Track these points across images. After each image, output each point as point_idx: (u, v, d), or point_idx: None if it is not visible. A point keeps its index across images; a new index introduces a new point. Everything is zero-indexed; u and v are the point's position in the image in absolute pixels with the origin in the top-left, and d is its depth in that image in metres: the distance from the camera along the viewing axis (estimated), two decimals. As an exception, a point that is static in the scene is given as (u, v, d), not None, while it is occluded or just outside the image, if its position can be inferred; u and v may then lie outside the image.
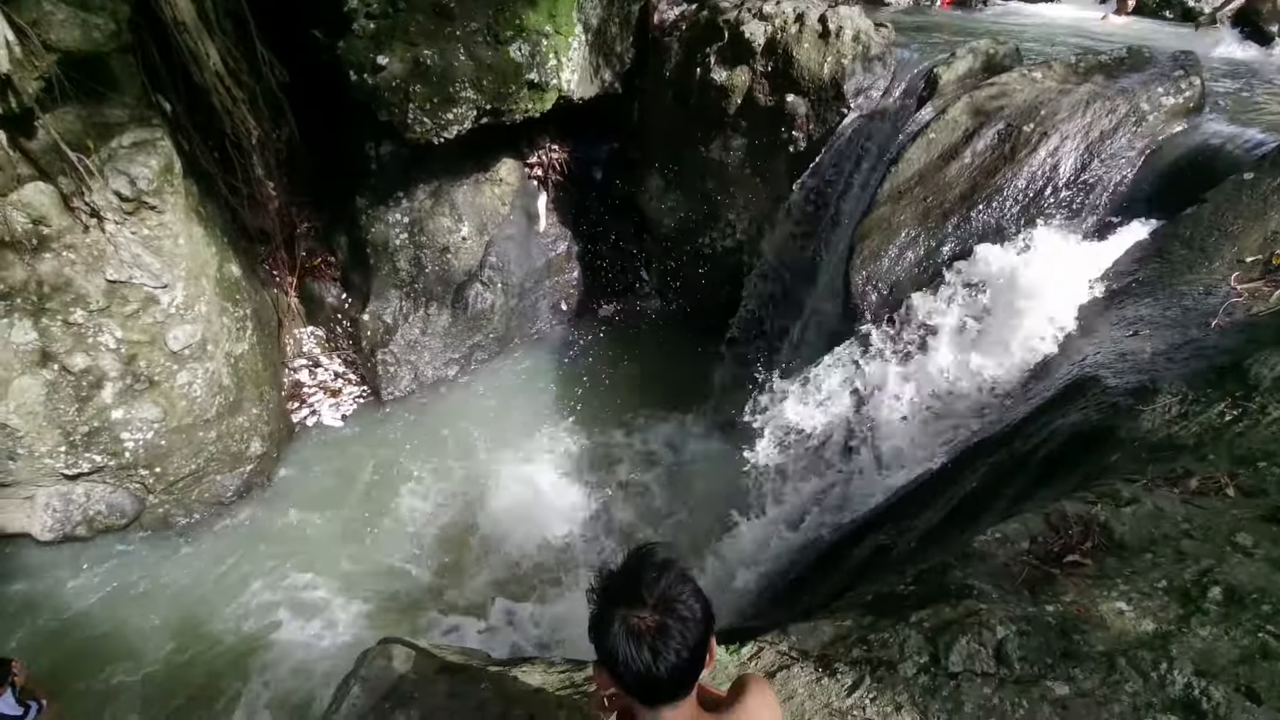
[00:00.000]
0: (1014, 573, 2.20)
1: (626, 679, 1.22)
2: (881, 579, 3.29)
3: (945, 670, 1.86)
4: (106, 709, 4.69)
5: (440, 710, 2.07)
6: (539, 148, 8.24)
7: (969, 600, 2.04)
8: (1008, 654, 1.84)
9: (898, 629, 2.05)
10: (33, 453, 5.03)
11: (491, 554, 5.84)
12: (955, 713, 1.77)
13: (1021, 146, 4.75)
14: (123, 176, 4.71)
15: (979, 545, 2.35)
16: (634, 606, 1.22)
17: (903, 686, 1.88)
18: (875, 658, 2.00)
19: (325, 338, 8.09)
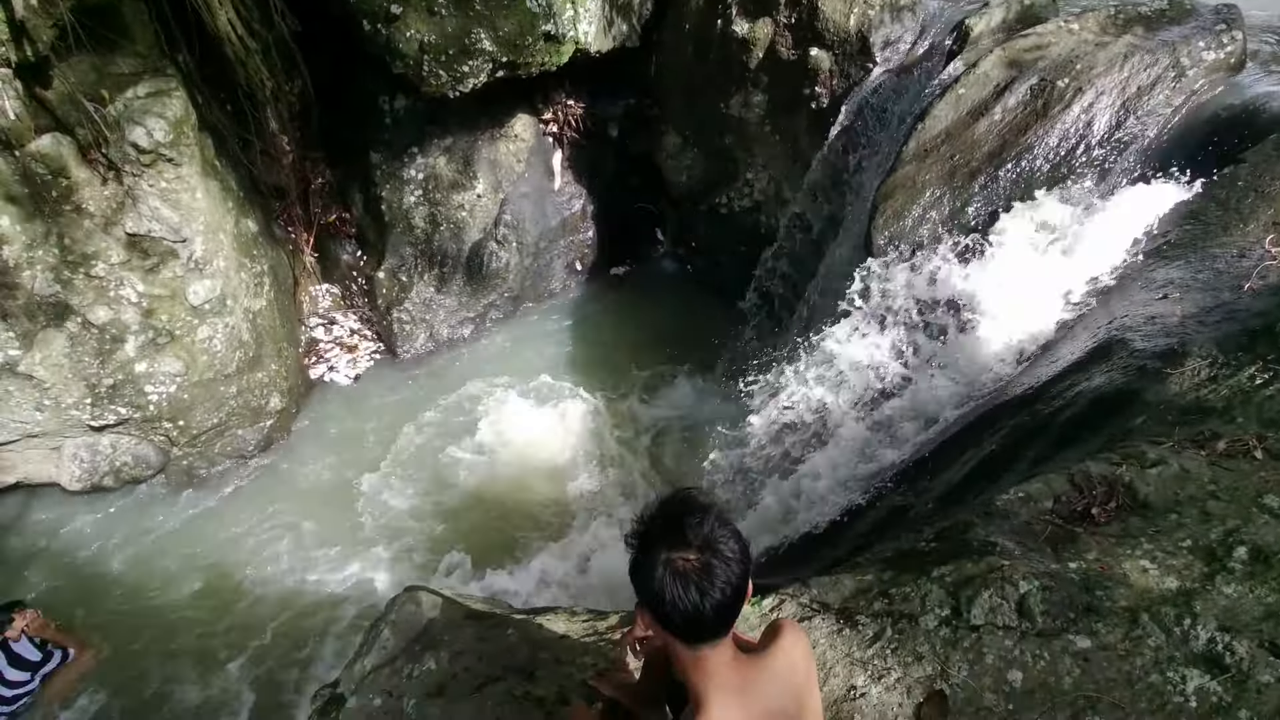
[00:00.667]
0: (1037, 531, 2.21)
1: (673, 619, 1.25)
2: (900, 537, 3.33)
3: (967, 623, 1.89)
4: (135, 653, 4.85)
5: (469, 653, 2.13)
6: (555, 103, 8.08)
7: (991, 556, 2.06)
8: (1030, 608, 1.86)
9: (919, 583, 2.08)
10: (59, 404, 5.12)
11: (507, 507, 5.93)
12: (976, 663, 1.80)
13: (1055, 102, 4.60)
14: (139, 128, 4.68)
15: (1002, 504, 2.35)
16: (678, 548, 1.24)
17: (924, 638, 1.91)
18: (896, 610, 2.03)
19: (341, 295, 8.12)
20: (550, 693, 1.97)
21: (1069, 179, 4.48)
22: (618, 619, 2.50)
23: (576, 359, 7.75)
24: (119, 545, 5.55)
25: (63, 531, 5.61)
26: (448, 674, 2.06)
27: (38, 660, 4.47)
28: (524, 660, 2.09)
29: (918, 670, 1.84)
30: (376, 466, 6.33)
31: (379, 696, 2.20)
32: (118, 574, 5.35)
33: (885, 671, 1.87)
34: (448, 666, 2.09)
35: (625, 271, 9.23)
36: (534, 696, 1.98)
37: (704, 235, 8.43)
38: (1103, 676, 1.70)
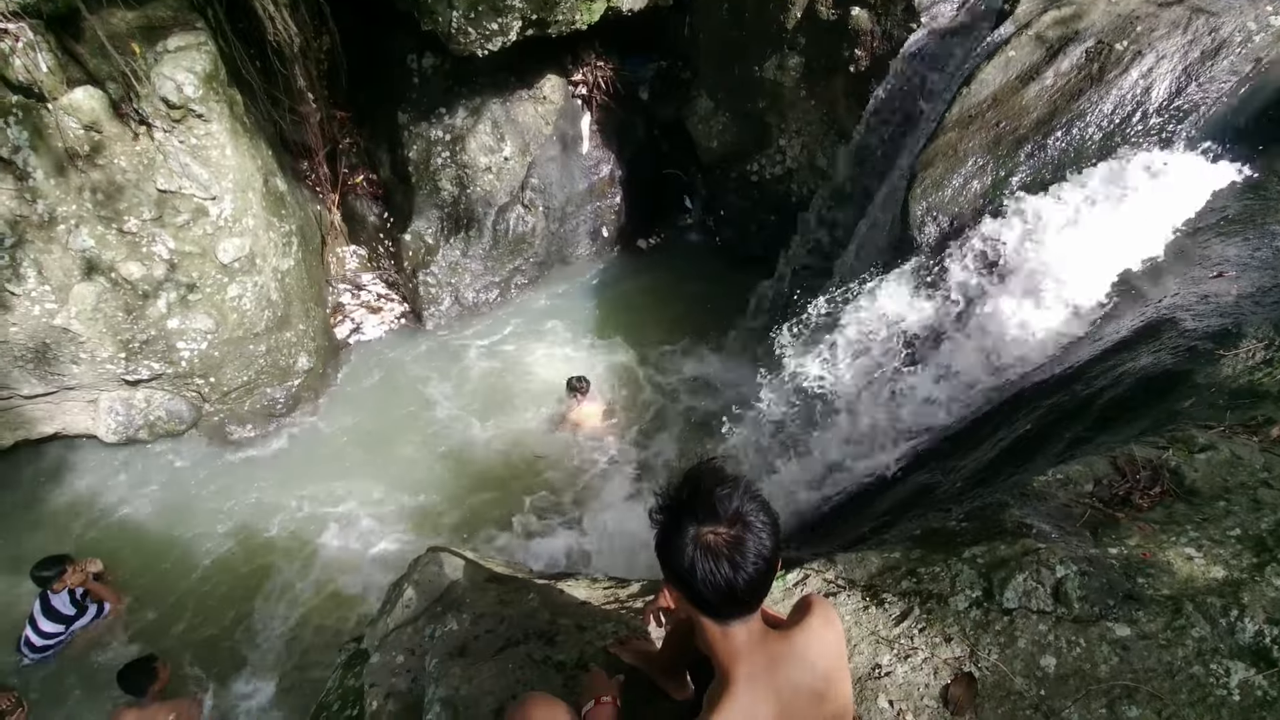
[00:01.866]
0: (1075, 514, 2.14)
1: (704, 595, 1.22)
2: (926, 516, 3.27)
3: (999, 606, 1.83)
4: (164, 604, 5.01)
5: (490, 616, 2.13)
6: (584, 64, 7.91)
7: (1026, 539, 1.99)
8: (1067, 593, 1.80)
9: (949, 563, 2.02)
10: (95, 357, 5.22)
11: (528, 473, 5.97)
12: (1008, 647, 1.75)
13: (1111, 66, 4.36)
14: (169, 82, 4.66)
15: (1039, 485, 2.27)
16: (708, 522, 1.21)
17: (953, 619, 1.86)
18: (925, 590, 1.98)
19: (367, 257, 8.14)
20: (571, 658, 1.97)
21: (1123, 148, 4.26)
22: (639, 587, 2.49)
23: (601, 327, 7.70)
24: (152, 497, 5.70)
25: (98, 482, 5.78)
26: (469, 635, 2.07)
27: (72, 615, 4.65)
28: (545, 625, 2.09)
29: (946, 651, 1.80)
30: (401, 428, 6.40)
31: (401, 654, 2.22)
32: (150, 525, 5.50)
33: (912, 651, 1.84)
34: (469, 628, 2.10)
35: (652, 239, 9.12)
36: (554, 661, 1.98)
37: (733, 203, 8.26)
38: (1142, 666, 1.64)
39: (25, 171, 4.58)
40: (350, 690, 2.41)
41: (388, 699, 2.11)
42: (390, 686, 2.15)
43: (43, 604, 4.60)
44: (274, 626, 4.88)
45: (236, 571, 5.23)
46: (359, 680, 2.42)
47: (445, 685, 1.91)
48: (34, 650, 4.61)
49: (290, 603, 5.04)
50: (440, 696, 1.89)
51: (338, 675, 2.55)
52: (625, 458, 6.17)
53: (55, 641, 4.63)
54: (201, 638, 4.83)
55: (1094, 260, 3.93)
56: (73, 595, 4.62)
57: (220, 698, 4.53)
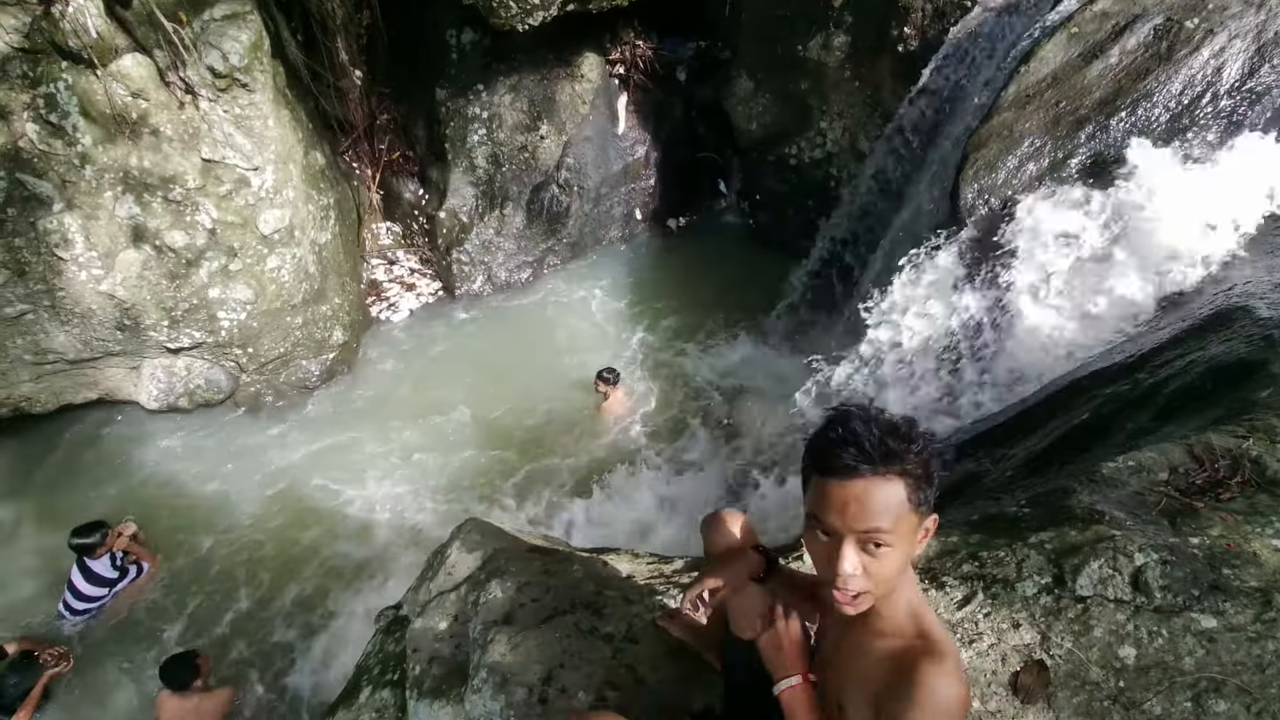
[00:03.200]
0: (1149, 502, 2.03)
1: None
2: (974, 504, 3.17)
3: (1072, 593, 1.75)
4: (200, 566, 5.09)
5: (535, 585, 2.10)
6: (623, 43, 7.80)
7: (1099, 525, 1.90)
8: (1147, 582, 1.70)
9: (1014, 548, 1.94)
10: (139, 324, 5.30)
11: (562, 451, 5.95)
12: (1083, 635, 1.66)
13: (1181, 45, 4.16)
14: (215, 51, 4.68)
15: (1108, 472, 2.17)
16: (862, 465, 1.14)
17: (1021, 605, 1.78)
18: (989, 574, 1.90)
19: (402, 234, 8.16)
20: (619, 630, 1.93)
21: (1191, 131, 4.06)
22: (682, 564, 2.44)
23: (634, 310, 7.64)
24: (190, 464, 5.79)
25: (138, 447, 5.88)
26: (514, 603, 2.04)
27: (114, 578, 4.72)
28: (591, 596, 2.05)
29: (1014, 638, 1.72)
30: (434, 404, 6.42)
31: (444, 620, 2.20)
32: (188, 491, 5.59)
33: (977, 636, 1.76)
34: (514, 595, 2.07)
35: (686, 223, 9.01)
36: (601, 632, 1.93)
37: (770, 187, 8.12)
38: (1230, 659, 1.54)
39: (74, 137, 4.64)
40: (390, 655, 2.41)
41: (431, 663, 2.09)
42: (434, 651, 2.13)
43: (82, 569, 4.66)
44: (303, 590, 4.93)
45: (271, 537, 5.29)
46: (399, 645, 2.41)
47: (492, 652, 1.88)
48: (74, 614, 4.70)
49: (324, 569, 5.08)
50: (487, 663, 1.86)
51: (377, 640, 2.55)
52: (658, 442, 6.12)
53: (97, 604, 4.72)
54: (236, 601, 4.90)
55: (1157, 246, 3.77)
56: (113, 559, 4.70)
57: (256, 664, 4.59)
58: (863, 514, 1.13)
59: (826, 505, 1.16)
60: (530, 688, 1.80)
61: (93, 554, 4.62)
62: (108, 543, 4.67)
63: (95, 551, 4.61)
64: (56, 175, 4.69)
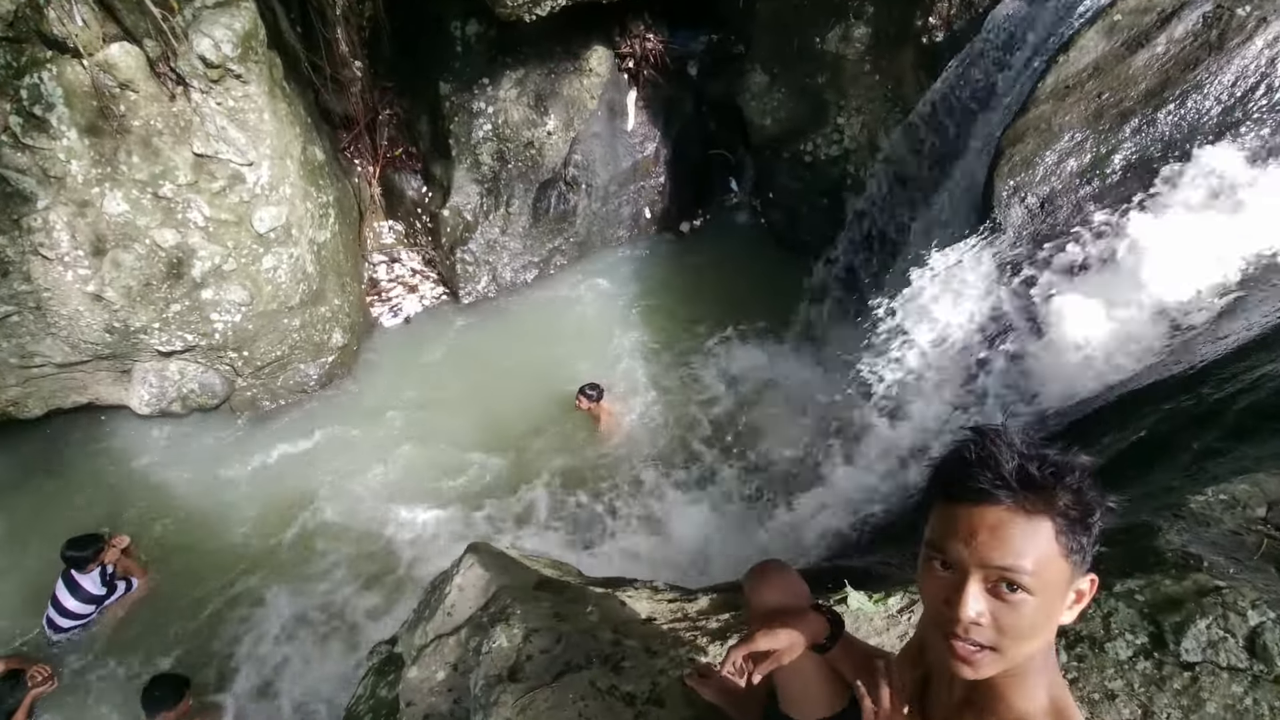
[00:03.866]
0: (1249, 544, 1.78)
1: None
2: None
3: (1176, 658, 1.49)
4: (192, 580, 4.87)
5: (545, 632, 1.85)
6: (632, 35, 7.55)
7: (1197, 573, 1.64)
8: (1265, 645, 1.45)
9: (1098, 598, 1.68)
10: (128, 326, 5.08)
11: (569, 460, 5.72)
12: (1194, 711, 1.41)
13: (1233, 34, 3.89)
14: (206, 39, 4.44)
15: (1196, 507, 1.91)
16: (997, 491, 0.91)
17: (1114, 670, 1.53)
18: (1070, 629, 1.64)
19: (404, 233, 7.93)
20: (641, 689, 1.68)
21: (1244, 125, 3.80)
22: (708, 602, 2.19)
23: (643, 312, 7.39)
24: (183, 471, 5.58)
25: (130, 454, 5.67)
26: (521, 654, 1.80)
27: (101, 595, 4.50)
28: (608, 647, 1.81)
29: (1110, 712, 1.47)
30: (435, 408, 6.19)
31: (442, 669, 1.96)
32: (181, 500, 5.38)
33: (1062, 706, 1.51)
34: (521, 645, 1.82)
35: (695, 222, 8.76)
36: (621, 692, 1.69)
37: (783, 186, 7.86)
38: (1378, 747, 1.29)
39: (59, 130, 4.42)
40: (383, 702, 2.17)
41: (427, 721, 1.86)
42: (429, 707, 1.89)
43: (68, 583, 4.44)
44: (297, 604, 4.71)
45: (266, 549, 5.08)
46: (392, 691, 2.17)
47: (496, 715, 1.64)
48: (59, 631, 4.49)
49: (314, 581, 4.86)
50: (491, 728, 1.62)
51: (369, 682, 2.31)
52: (667, 450, 5.87)
53: (83, 621, 4.50)
54: (226, 613, 4.68)
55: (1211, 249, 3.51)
56: (103, 574, 4.48)
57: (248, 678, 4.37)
58: (996, 546, 0.90)
59: (951, 532, 0.94)
60: (540, 762, 1.56)
61: (83, 567, 4.40)
62: (100, 556, 4.46)
63: (86, 565, 4.40)
64: (40, 170, 4.47)
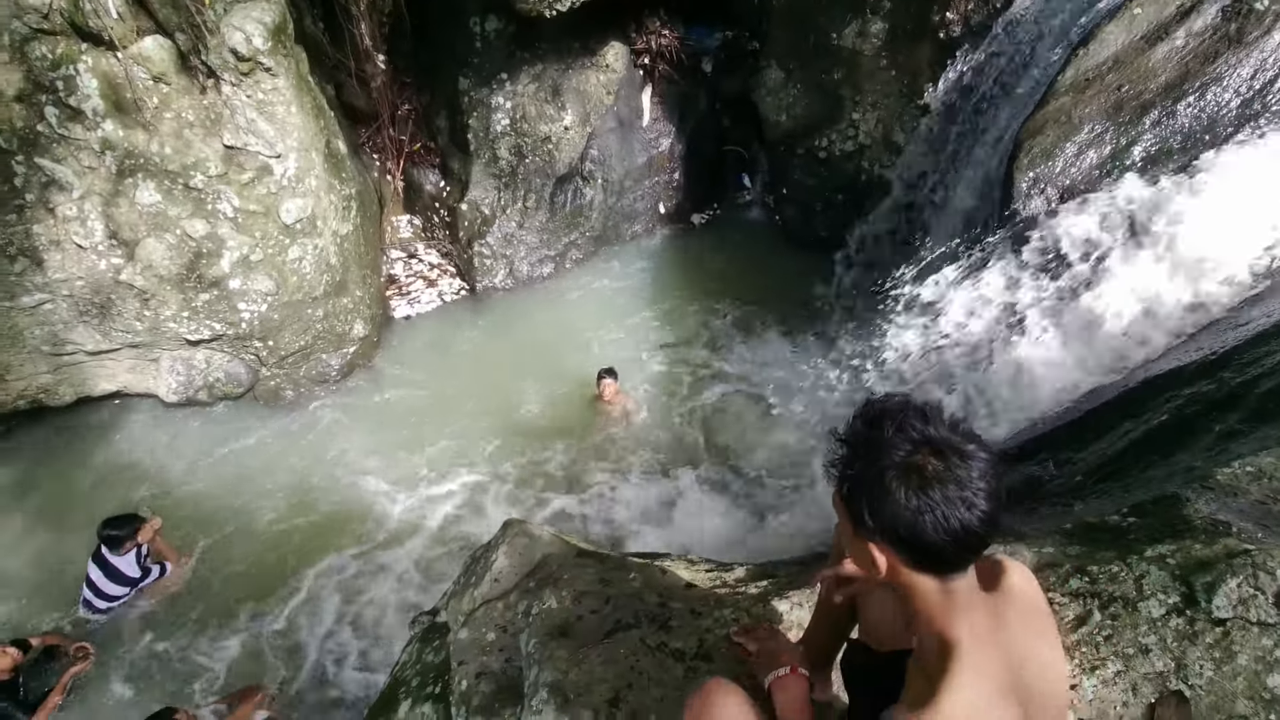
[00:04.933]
0: (1274, 512, 1.84)
1: (936, 543, 1.00)
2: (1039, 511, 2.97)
3: (1208, 615, 1.56)
4: (222, 563, 4.96)
5: (593, 595, 1.92)
6: (649, 32, 7.62)
7: (1227, 538, 1.70)
8: (1296, 603, 1.51)
9: (1129, 562, 1.74)
10: (158, 315, 5.18)
11: (583, 449, 5.78)
12: (1225, 664, 1.47)
13: (1252, 27, 3.94)
14: (238, 33, 4.53)
15: (1224, 478, 1.97)
16: (920, 456, 0.99)
17: (1147, 627, 1.59)
18: (1103, 591, 1.71)
19: (422, 227, 8.02)
20: (690, 646, 1.75)
21: (1263, 117, 3.84)
22: (744, 572, 2.26)
23: (656, 307, 7.46)
24: (209, 458, 5.67)
25: (157, 442, 5.77)
26: (572, 615, 1.87)
27: (136, 578, 4.58)
28: (655, 608, 1.88)
29: (1144, 665, 1.53)
30: (455, 399, 6.27)
31: (492, 631, 2.03)
32: (208, 486, 5.47)
33: (1099, 662, 1.57)
34: (571, 606, 1.89)
35: (710, 217, 8.83)
36: (671, 649, 1.76)
37: (797, 182, 7.91)
38: (1406, 694, 1.35)
39: (94, 122, 4.52)
40: (430, 666, 2.24)
41: (479, 679, 1.93)
42: (481, 665, 1.96)
43: (102, 566, 4.51)
44: (323, 587, 4.79)
45: (292, 534, 5.16)
46: (439, 655, 2.24)
47: (550, 669, 1.71)
48: (96, 611, 4.57)
49: (340, 564, 4.94)
50: (546, 681, 1.69)
51: (414, 649, 2.39)
52: (679, 443, 5.94)
53: (118, 602, 4.59)
54: (255, 596, 4.77)
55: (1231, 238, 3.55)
56: (139, 555, 4.56)
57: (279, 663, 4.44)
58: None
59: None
60: (596, 710, 1.62)
61: (119, 546, 4.46)
62: (138, 535, 4.53)
63: (123, 545, 4.46)
64: (75, 161, 4.57)
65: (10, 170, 4.50)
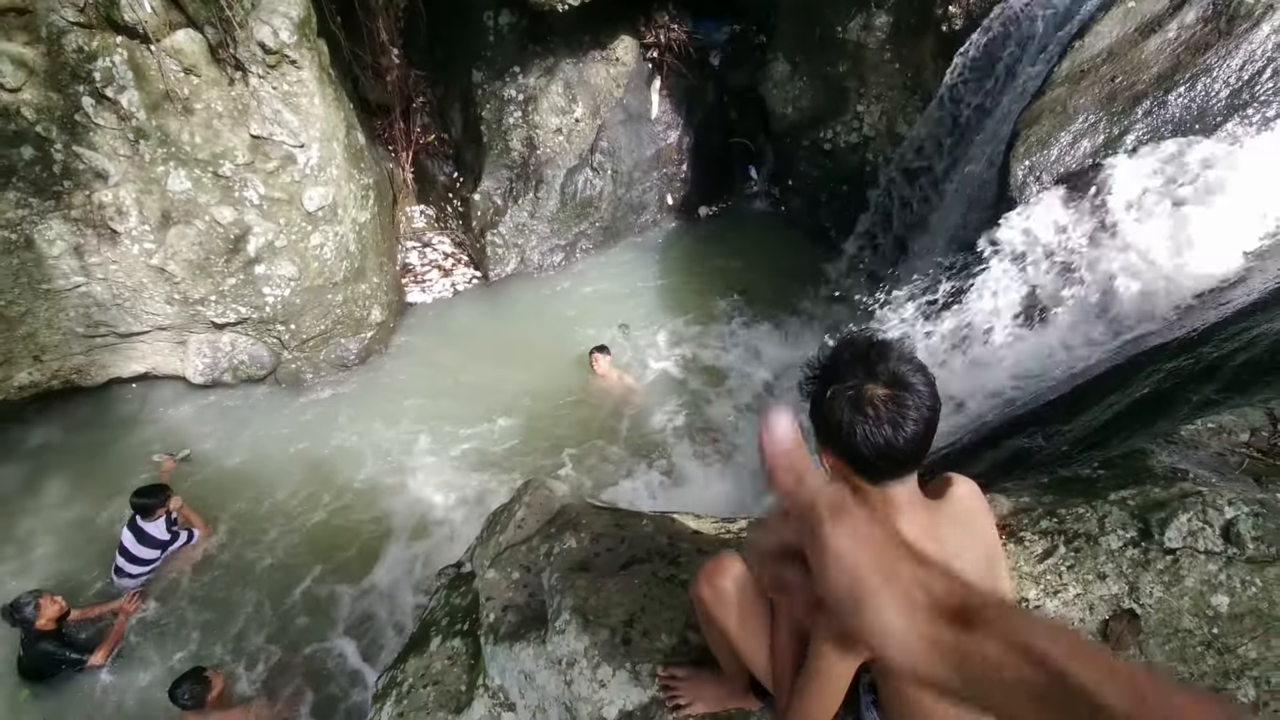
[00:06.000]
0: (1232, 463, 2.01)
1: (865, 453, 1.19)
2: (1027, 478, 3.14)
3: (1160, 545, 1.74)
4: (247, 537, 5.18)
5: (609, 536, 2.12)
6: (658, 26, 7.79)
7: (1183, 482, 1.88)
8: (1239, 533, 1.69)
9: (1094, 505, 1.93)
10: (187, 299, 5.40)
11: (592, 430, 5.98)
12: (1174, 585, 1.66)
13: (1241, 19, 4.08)
14: (265, 26, 4.74)
15: (1187, 434, 2.15)
16: (865, 383, 1.19)
17: (1106, 558, 1.77)
18: (1069, 529, 1.89)
19: (435, 217, 8.23)
20: (696, 578, 1.95)
21: (1250, 108, 3.99)
22: (747, 523, 2.45)
23: (664, 296, 7.65)
24: (233, 438, 5.90)
25: (183, 422, 6.00)
26: (590, 552, 2.07)
27: (166, 540, 4.82)
28: (665, 547, 2.07)
29: (1100, 589, 1.72)
30: (467, 383, 6.48)
31: (517, 570, 2.23)
32: (232, 464, 5.70)
33: (1061, 587, 1.76)
34: (589, 546, 2.09)
35: (717, 209, 9.00)
36: (680, 580, 1.95)
37: (803, 173, 8.08)
38: (1330, 608, 1.53)
39: (129, 111, 4.73)
40: (458, 608, 2.44)
41: (505, 611, 2.13)
42: (507, 600, 2.16)
43: (135, 531, 4.77)
44: (347, 557, 5.00)
45: (310, 509, 5.37)
46: (466, 599, 2.45)
47: (572, 596, 1.91)
48: (128, 578, 4.81)
49: (359, 537, 5.15)
50: (568, 605, 1.89)
51: (441, 595, 2.59)
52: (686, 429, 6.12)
53: (149, 568, 4.83)
54: (278, 568, 4.99)
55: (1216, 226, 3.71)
56: (168, 520, 4.81)
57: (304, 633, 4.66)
58: None
59: None
60: (613, 629, 1.82)
61: (151, 514, 4.71)
62: (166, 503, 4.78)
63: (154, 512, 4.71)
64: (111, 149, 4.79)
65: (50, 158, 4.72)
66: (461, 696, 2.13)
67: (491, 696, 2.06)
